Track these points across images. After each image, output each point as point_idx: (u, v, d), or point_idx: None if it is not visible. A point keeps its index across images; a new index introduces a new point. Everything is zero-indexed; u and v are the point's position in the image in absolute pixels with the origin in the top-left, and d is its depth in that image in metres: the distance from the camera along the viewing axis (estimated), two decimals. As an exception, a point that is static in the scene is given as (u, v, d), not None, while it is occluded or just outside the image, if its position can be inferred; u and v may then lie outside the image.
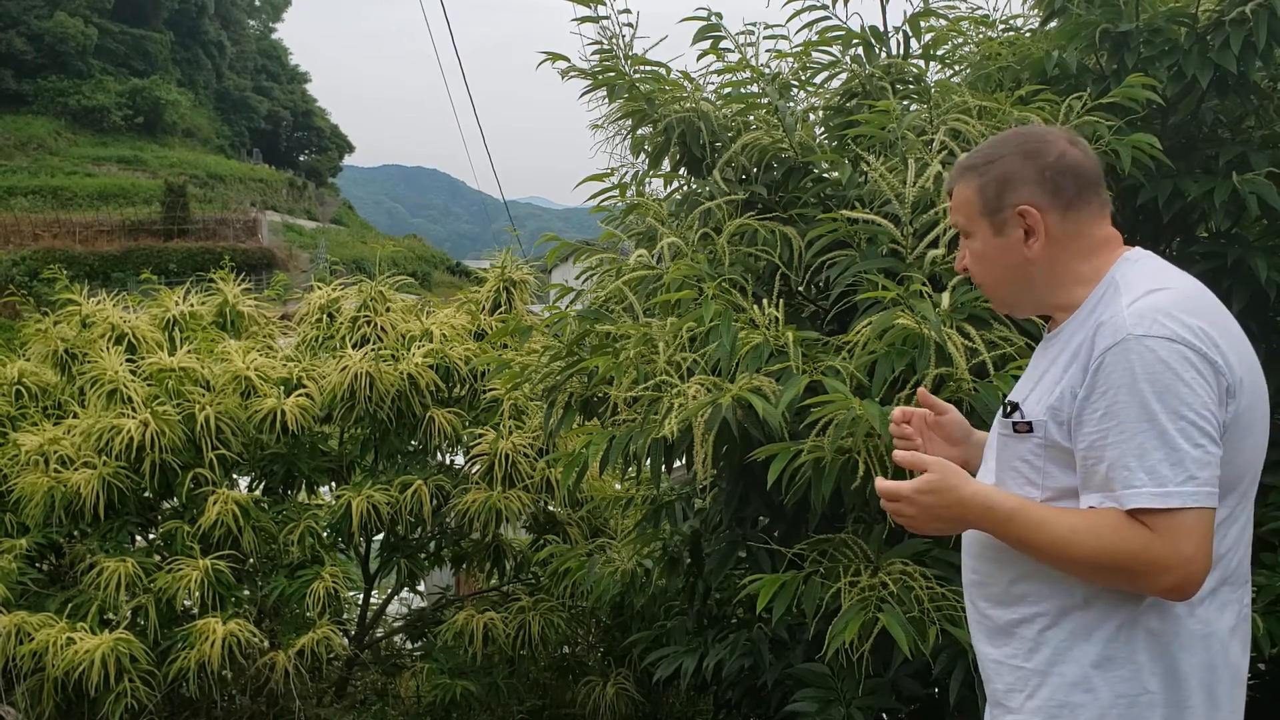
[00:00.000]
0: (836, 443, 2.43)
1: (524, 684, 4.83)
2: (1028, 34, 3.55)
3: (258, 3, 76.15)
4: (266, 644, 4.48)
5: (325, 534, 4.66)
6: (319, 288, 5.27)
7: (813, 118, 3.52)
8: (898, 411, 1.86)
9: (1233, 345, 1.57)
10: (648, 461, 2.81)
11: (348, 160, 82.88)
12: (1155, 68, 3.01)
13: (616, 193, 3.59)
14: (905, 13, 3.52)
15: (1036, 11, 3.50)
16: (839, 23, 3.47)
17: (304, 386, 4.75)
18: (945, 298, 2.60)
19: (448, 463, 5.01)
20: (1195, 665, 1.58)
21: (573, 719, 4.65)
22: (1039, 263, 1.69)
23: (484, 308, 5.23)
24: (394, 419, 4.67)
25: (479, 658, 4.52)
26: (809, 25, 3.49)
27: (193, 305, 5.31)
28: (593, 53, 3.49)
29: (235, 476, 4.86)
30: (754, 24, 3.53)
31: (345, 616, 4.91)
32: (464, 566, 5.04)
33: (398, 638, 5.35)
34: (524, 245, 6.77)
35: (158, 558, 4.48)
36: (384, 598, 5.21)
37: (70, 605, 4.34)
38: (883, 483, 1.65)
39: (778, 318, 2.80)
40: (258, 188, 51.09)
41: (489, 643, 4.50)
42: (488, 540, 4.80)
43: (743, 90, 3.53)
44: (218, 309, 5.38)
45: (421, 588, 5.47)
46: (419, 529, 4.88)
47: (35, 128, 49.87)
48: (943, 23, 3.61)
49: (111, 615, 4.45)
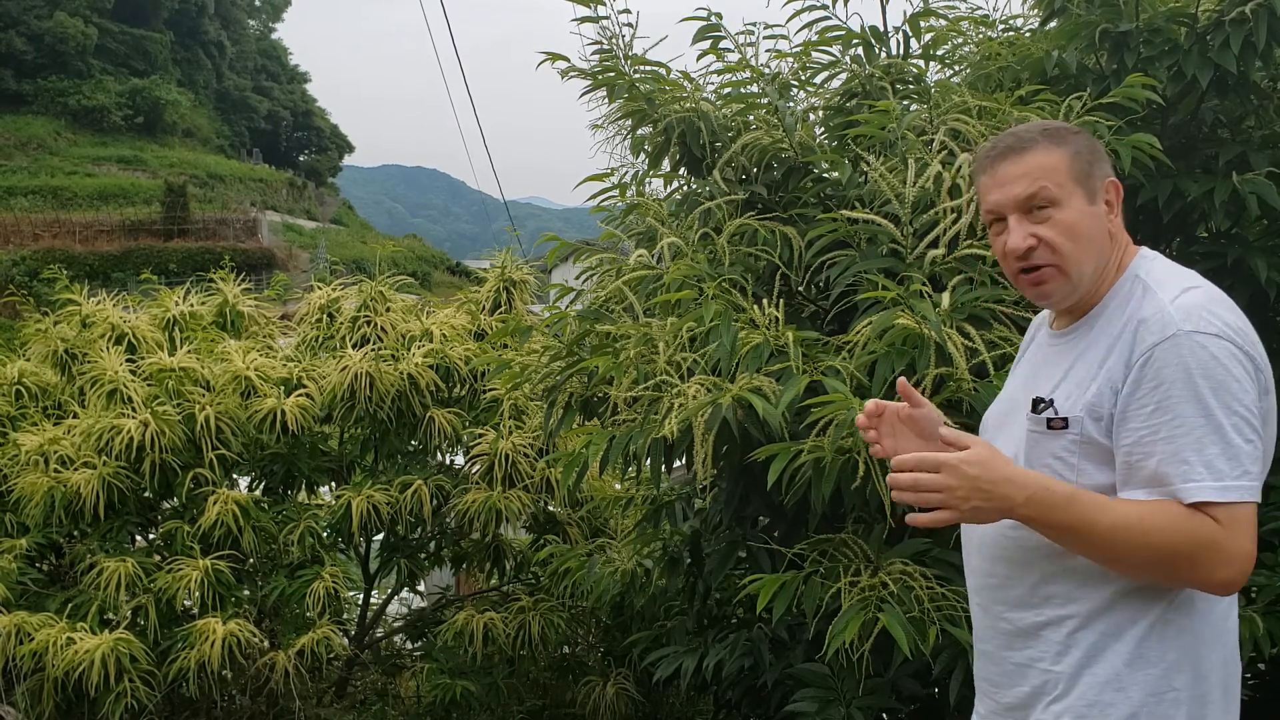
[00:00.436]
0: (836, 443, 2.44)
1: (524, 684, 4.83)
2: (1028, 34, 3.54)
3: (258, 3, 76.16)
4: (266, 644, 4.48)
5: (325, 534, 4.66)
6: (319, 288, 5.27)
7: (813, 118, 3.52)
8: (870, 404, 1.77)
9: (1258, 342, 1.58)
10: (648, 461, 2.81)
11: (347, 160, 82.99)
12: (1155, 68, 3.00)
13: (616, 193, 3.59)
14: (905, 13, 3.52)
15: (1036, 11, 3.49)
16: (839, 23, 3.47)
17: (304, 386, 4.75)
18: (945, 298, 2.59)
19: (448, 463, 5.01)
20: (1216, 661, 1.59)
21: (573, 719, 4.65)
22: (1112, 242, 1.65)
23: (484, 308, 5.23)
24: (394, 419, 4.67)
25: (479, 658, 4.52)
26: (809, 25, 3.49)
27: (193, 305, 5.31)
28: (592, 53, 3.49)
29: (235, 476, 4.85)
30: (754, 24, 3.53)
31: (345, 616, 4.90)
32: (464, 566, 5.04)
33: (398, 638, 5.35)
34: (524, 245, 6.77)
35: (158, 558, 4.48)
36: (384, 598, 5.21)
37: (70, 605, 4.34)
38: (912, 457, 1.51)
39: (778, 318, 2.80)
40: (258, 188, 51.12)
41: (489, 643, 4.50)
42: (488, 540, 4.80)
43: (743, 90, 3.53)
44: (218, 309, 5.38)
45: (421, 588, 5.47)
46: (419, 529, 4.88)
47: (35, 128, 49.91)
48: (943, 23, 3.60)
49: (111, 615, 4.45)
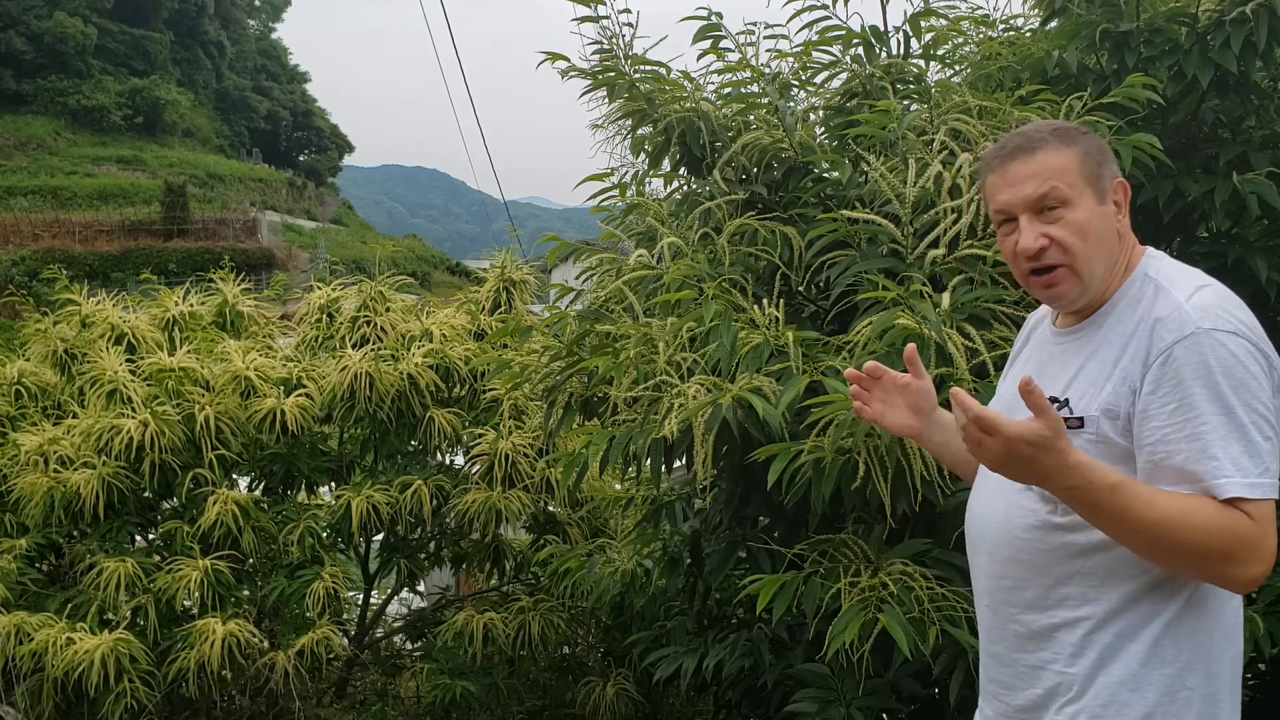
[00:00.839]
0: (837, 443, 2.43)
1: (524, 684, 4.83)
2: (1028, 34, 3.54)
3: (258, 3, 76.17)
4: (266, 644, 4.48)
5: (325, 534, 4.66)
6: (319, 288, 5.27)
7: (813, 118, 3.51)
8: (869, 365, 1.78)
9: (1268, 340, 1.58)
10: (648, 461, 2.81)
11: (347, 160, 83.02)
12: (1155, 68, 3.00)
13: (616, 193, 3.59)
14: (905, 13, 3.51)
15: (1037, 11, 3.49)
16: (839, 22, 3.46)
17: (304, 386, 4.75)
18: (945, 298, 2.59)
19: (448, 463, 5.01)
20: (1227, 660, 1.60)
21: (573, 719, 4.65)
22: (1120, 241, 1.66)
23: (484, 308, 5.23)
24: (394, 419, 4.67)
25: (479, 658, 4.52)
26: (809, 25, 3.48)
27: (192, 305, 5.31)
28: (593, 52, 3.48)
29: (235, 476, 4.85)
30: (754, 24, 3.53)
31: (345, 617, 4.91)
32: (464, 567, 5.04)
33: (398, 638, 5.35)
34: (524, 245, 6.77)
35: (157, 558, 4.48)
36: (384, 598, 5.21)
37: (70, 605, 4.34)
38: (977, 407, 1.45)
39: (778, 318, 2.79)
40: (257, 188, 51.13)
41: (489, 643, 4.50)
42: (487, 540, 4.80)
43: (743, 90, 3.52)
44: (217, 309, 5.38)
45: (421, 588, 5.47)
46: (419, 529, 4.88)
47: (35, 128, 49.92)
48: (943, 22, 3.60)
49: (111, 615, 4.45)
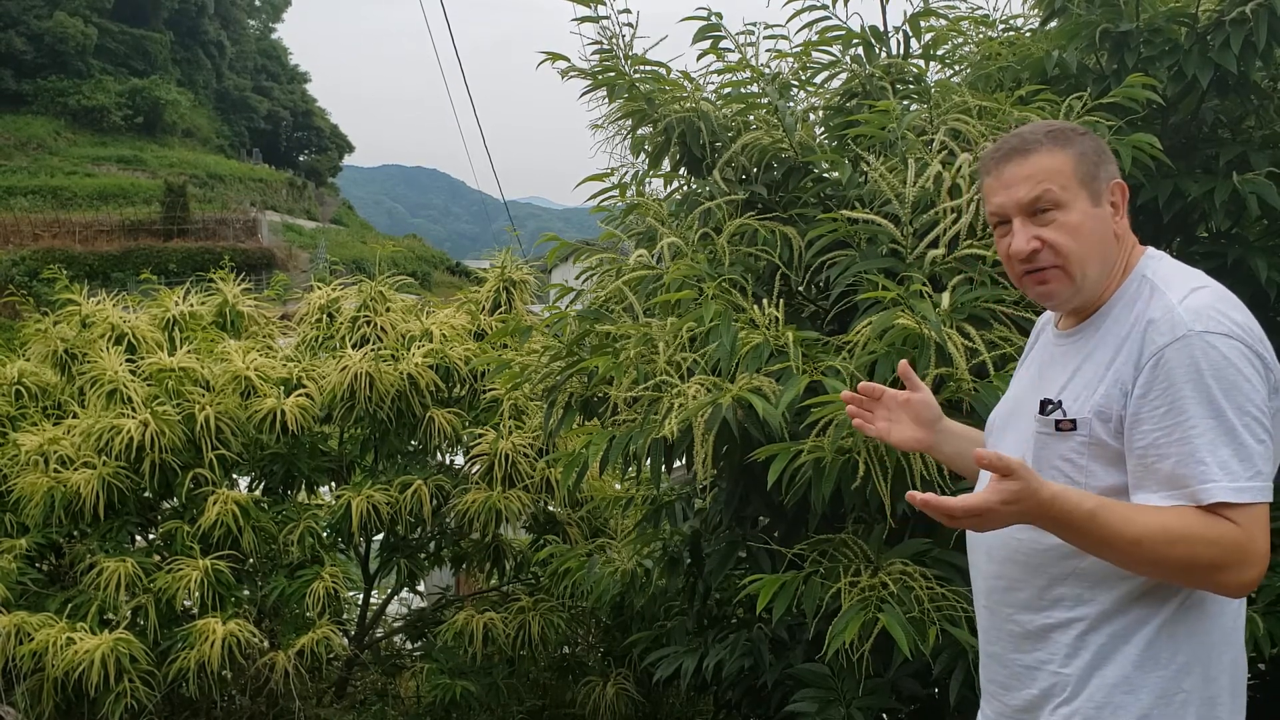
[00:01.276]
0: (836, 443, 2.44)
1: (524, 684, 4.83)
2: (1028, 34, 3.54)
3: (258, 3, 76.15)
4: (266, 644, 4.48)
5: (325, 534, 4.66)
6: (319, 288, 5.27)
7: (813, 118, 3.51)
8: (865, 385, 1.78)
9: (1267, 340, 1.57)
10: (648, 461, 2.81)
11: (347, 160, 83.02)
12: (1155, 68, 3.00)
13: (616, 193, 3.59)
14: (905, 13, 3.51)
15: (1036, 11, 3.49)
16: (839, 23, 3.46)
17: (304, 386, 4.75)
18: (945, 298, 2.59)
19: (448, 463, 5.01)
20: (1226, 662, 1.59)
21: (573, 719, 4.65)
22: (1118, 243, 1.65)
23: (484, 308, 5.23)
24: (394, 419, 4.67)
25: (479, 658, 4.52)
26: (809, 25, 3.48)
27: (192, 305, 5.31)
28: (593, 53, 3.48)
29: (235, 476, 4.85)
30: (754, 24, 3.53)
31: (345, 616, 4.91)
32: (464, 566, 5.04)
33: (398, 638, 5.35)
34: (524, 245, 6.76)
35: (157, 558, 4.48)
36: (384, 598, 5.21)
37: (70, 605, 4.34)
38: (965, 501, 1.44)
39: (778, 318, 2.80)
40: (257, 188, 51.11)
41: (489, 643, 4.50)
42: (487, 540, 4.80)
43: (743, 90, 3.52)
44: (217, 309, 5.38)
45: (421, 588, 5.47)
46: (419, 529, 4.88)
47: (35, 128, 49.90)
48: (943, 23, 3.60)
49: (111, 615, 4.45)
